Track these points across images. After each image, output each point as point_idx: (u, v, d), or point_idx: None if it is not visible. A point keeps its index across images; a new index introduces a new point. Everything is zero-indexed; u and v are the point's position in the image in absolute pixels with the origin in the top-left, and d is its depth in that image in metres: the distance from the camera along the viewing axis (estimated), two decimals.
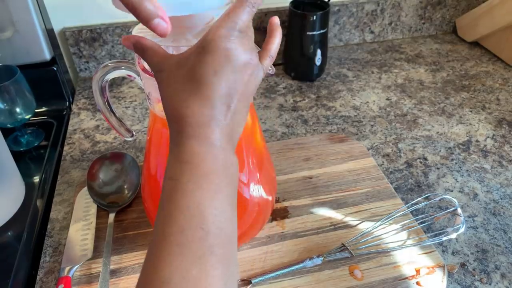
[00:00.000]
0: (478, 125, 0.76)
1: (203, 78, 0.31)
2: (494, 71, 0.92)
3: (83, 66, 0.88)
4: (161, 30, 0.31)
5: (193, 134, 0.31)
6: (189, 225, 0.28)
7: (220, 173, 0.31)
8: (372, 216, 0.57)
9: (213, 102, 0.31)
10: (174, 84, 0.32)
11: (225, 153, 0.31)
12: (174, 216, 0.29)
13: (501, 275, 0.52)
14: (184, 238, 0.28)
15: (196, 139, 0.31)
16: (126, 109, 0.80)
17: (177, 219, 0.28)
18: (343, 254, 0.51)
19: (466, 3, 1.02)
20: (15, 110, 0.66)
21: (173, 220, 0.29)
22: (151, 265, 0.28)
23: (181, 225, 0.28)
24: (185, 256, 0.27)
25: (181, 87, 0.31)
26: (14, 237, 0.56)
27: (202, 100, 0.31)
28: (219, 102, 0.31)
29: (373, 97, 0.83)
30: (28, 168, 0.67)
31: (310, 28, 0.81)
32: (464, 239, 0.56)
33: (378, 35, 1.02)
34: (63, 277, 0.48)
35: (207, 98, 0.31)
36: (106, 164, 0.62)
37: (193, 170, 0.30)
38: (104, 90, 0.45)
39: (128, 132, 0.51)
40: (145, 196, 0.49)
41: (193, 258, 0.27)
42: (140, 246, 0.53)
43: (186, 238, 0.28)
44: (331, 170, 0.64)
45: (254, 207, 0.47)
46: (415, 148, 0.71)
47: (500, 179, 0.65)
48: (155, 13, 0.30)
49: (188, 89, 0.31)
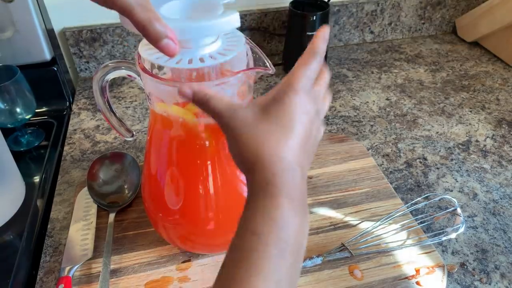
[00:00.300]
0: (477, 125, 0.76)
1: (289, 123, 0.31)
2: (494, 71, 0.92)
3: (83, 66, 0.88)
4: (170, 51, 0.31)
5: (283, 186, 0.29)
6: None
7: (301, 238, 0.29)
8: (372, 216, 0.57)
9: (297, 149, 0.31)
10: (257, 129, 0.31)
11: (305, 214, 0.30)
12: (249, 277, 0.26)
13: (501, 275, 0.52)
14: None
15: (287, 192, 0.29)
16: (126, 109, 0.80)
17: (251, 281, 0.26)
18: (343, 254, 0.51)
19: (466, 3, 1.02)
20: (15, 110, 0.66)
21: (246, 283, 0.26)
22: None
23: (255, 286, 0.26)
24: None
25: (267, 131, 0.31)
26: (14, 237, 0.56)
27: (291, 145, 0.31)
28: (301, 148, 0.31)
29: (373, 97, 0.83)
30: (28, 168, 0.67)
31: (310, 28, 0.81)
32: (463, 239, 0.56)
33: (378, 35, 1.02)
34: (63, 277, 0.48)
35: (293, 143, 0.31)
36: (106, 164, 0.62)
37: (279, 233, 0.28)
38: (104, 90, 0.45)
39: (128, 132, 0.51)
40: (145, 196, 0.49)
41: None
42: (140, 246, 0.53)
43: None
44: (331, 170, 0.64)
45: None
46: (415, 148, 0.71)
47: (500, 179, 0.65)
48: (164, 33, 0.30)
49: (276, 133, 0.31)
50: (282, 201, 0.29)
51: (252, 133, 0.31)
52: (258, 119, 0.31)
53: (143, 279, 0.50)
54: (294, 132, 0.31)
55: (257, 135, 0.31)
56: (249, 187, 0.31)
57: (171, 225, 0.47)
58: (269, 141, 0.30)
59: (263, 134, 0.31)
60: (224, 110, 0.32)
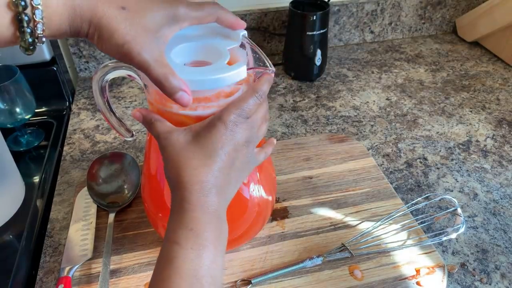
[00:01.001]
0: (478, 125, 0.76)
1: (211, 151, 0.35)
2: (494, 71, 0.92)
3: (83, 66, 0.88)
4: (184, 102, 0.35)
5: (198, 203, 0.34)
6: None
7: (217, 242, 0.35)
8: (372, 216, 0.57)
9: (217, 173, 0.35)
10: (183, 152, 0.36)
11: (222, 222, 0.36)
12: (173, 280, 0.32)
13: (501, 275, 0.52)
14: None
15: (201, 208, 0.35)
16: (126, 109, 0.80)
17: (176, 282, 0.32)
18: (343, 254, 0.51)
19: (466, 3, 1.02)
20: (15, 110, 0.66)
21: (172, 284, 0.32)
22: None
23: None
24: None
25: (191, 155, 0.35)
26: (14, 237, 0.56)
27: (209, 169, 0.35)
28: (221, 173, 0.36)
29: (373, 97, 0.83)
30: (28, 168, 0.67)
31: (310, 28, 0.81)
32: (464, 239, 0.56)
33: (378, 35, 1.02)
34: (63, 277, 0.48)
35: (213, 168, 0.35)
36: (106, 164, 0.61)
37: (197, 238, 0.33)
38: (104, 90, 0.45)
39: (128, 132, 0.50)
40: (145, 196, 0.49)
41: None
42: (140, 246, 0.53)
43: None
44: (331, 170, 0.64)
45: (254, 207, 0.47)
46: (415, 148, 0.71)
47: (500, 179, 0.65)
48: (179, 87, 0.34)
49: (197, 158, 0.35)
50: (197, 215, 0.34)
51: (178, 156, 0.36)
52: (187, 145, 0.36)
53: (143, 279, 0.49)
54: (215, 158, 0.35)
55: (181, 159, 0.35)
56: (172, 203, 0.36)
57: None
58: (190, 165, 0.35)
59: (186, 159, 0.35)
60: (162, 133, 0.37)
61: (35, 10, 0.29)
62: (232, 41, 0.40)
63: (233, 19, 0.39)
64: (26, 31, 0.30)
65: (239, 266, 0.51)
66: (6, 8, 0.29)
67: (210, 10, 0.37)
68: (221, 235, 0.36)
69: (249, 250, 0.53)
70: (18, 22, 0.30)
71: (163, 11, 0.34)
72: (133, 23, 0.32)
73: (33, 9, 0.29)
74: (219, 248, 0.35)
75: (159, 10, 0.34)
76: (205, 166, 0.35)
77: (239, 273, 0.50)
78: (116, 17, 0.32)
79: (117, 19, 0.32)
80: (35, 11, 0.30)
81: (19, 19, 0.29)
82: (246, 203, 0.46)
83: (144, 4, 0.33)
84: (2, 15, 0.29)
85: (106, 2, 0.32)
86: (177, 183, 0.35)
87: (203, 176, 0.35)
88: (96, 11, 0.31)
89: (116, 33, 0.32)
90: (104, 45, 0.33)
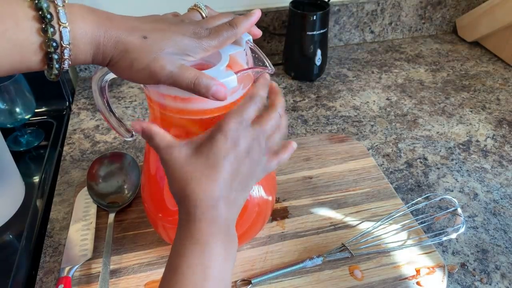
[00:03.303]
0: (478, 125, 0.76)
1: (214, 162, 0.35)
2: (494, 71, 0.92)
3: (82, 66, 0.88)
4: (222, 96, 0.35)
5: (204, 216, 0.34)
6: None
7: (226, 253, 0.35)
8: (372, 216, 0.57)
9: (222, 183, 0.35)
10: (185, 166, 0.35)
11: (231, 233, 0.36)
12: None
13: (501, 275, 0.52)
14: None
15: (208, 220, 0.35)
16: (126, 109, 0.80)
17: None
18: (343, 254, 0.51)
19: (466, 3, 1.02)
20: (15, 110, 0.66)
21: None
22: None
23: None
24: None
25: (194, 168, 0.35)
26: (14, 237, 0.56)
27: (214, 181, 0.35)
28: (226, 183, 0.35)
29: (373, 97, 0.83)
30: (28, 168, 0.67)
31: (310, 28, 0.81)
32: (464, 239, 0.56)
33: (378, 35, 1.02)
34: (63, 277, 0.48)
35: (217, 179, 0.35)
36: (106, 164, 0.61)
37: (203, 252, 0.34)
38: (103, 90, 0.45)
39: (128, 132, 0.50)
40: (145, 196, 0.49)
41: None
42: (140, 246, 0.53)
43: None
44: (331, 170, 0.64)
45: (254, 207, 0.47)
46: (415, 148, 0.71)
47: (500, 179, 0.65)
48: (212, 83, 0.34)
49: (200, 170, 0.35)
50: (204, 227, 0.34)
51: (181, 170, 0.35)
52: (189, 158, 0.35)
53: (142, 279, 0.49)
54: (219, 169, 0.35)
55: (184, 172, 0.35)
56: (179, 216, 0.36)
57: (171, 225, 0.47)
58: (195, 179, 0.35)
59: (189, 173, 0.35)
60: (163, 147, 0.36)
61: (64, 49, 0.32)
62: (235, 45, 0.40)
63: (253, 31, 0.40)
64: (55, 66, 0.32)
65: (239, 266, 0.51)
66: (38, 48, 0.31)
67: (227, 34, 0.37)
68: (230, 246, 0.35)
69: (249, 250, 0.53)
70: (48, 60, 0.32)
71: (185, 42, 0.35)
72: (153, 49, 0.34)
73: (63, 48, 0.32)
74: (228, 258, 0.35)
75: (183, 40, 0.35)
76: (209, 177, 0.35)
77: (239, 273, 0.50)
78: (138, 46, 0.33)
79: (139, 48, 0.33)
80: (64, 50, 0.32)
81: (50, 58, 0.32)
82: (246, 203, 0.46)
83: (165, 33, 0.35)
84: (35, 53, 0.31)
85: (128, 34, 0.34)
86: (181, 198, 0.35)
87: (208, 188, 0.35)
88: (118, 45, 0.33)
89: (136, 61, 0.34)
90: (127, 73, 0.35)
